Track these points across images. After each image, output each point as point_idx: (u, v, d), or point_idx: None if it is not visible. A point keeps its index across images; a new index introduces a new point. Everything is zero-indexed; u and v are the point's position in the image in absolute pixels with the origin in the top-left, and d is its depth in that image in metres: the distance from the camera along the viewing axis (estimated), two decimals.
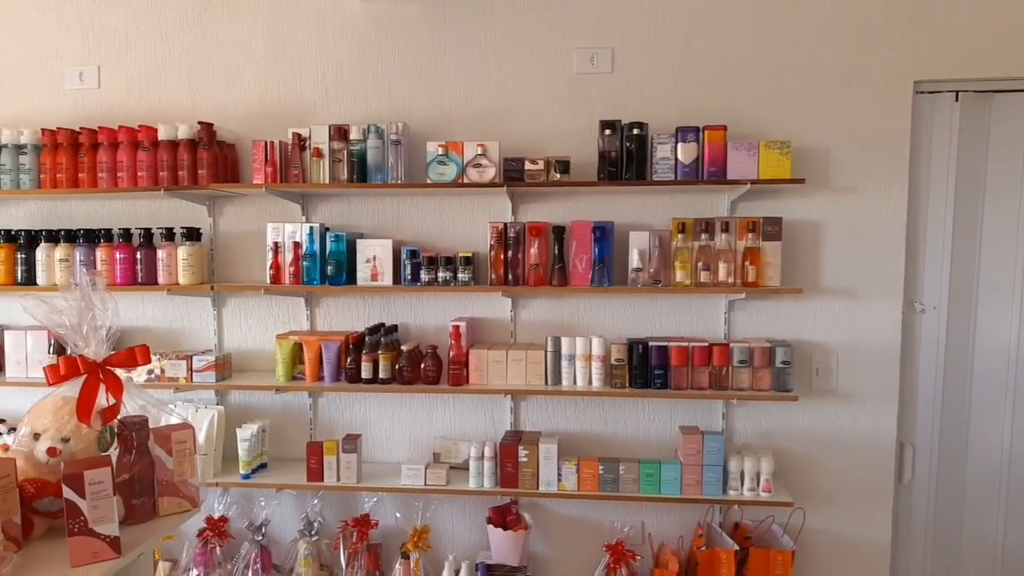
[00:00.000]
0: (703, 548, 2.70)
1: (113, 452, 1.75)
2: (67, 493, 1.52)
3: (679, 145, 2.69)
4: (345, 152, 2.82)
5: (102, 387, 1.74)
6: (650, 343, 2.76)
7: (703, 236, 2.72)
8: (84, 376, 1.73)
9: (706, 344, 2.74)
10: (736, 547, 2.66)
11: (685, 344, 2.74)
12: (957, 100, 2.82)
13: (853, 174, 2.82)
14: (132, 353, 1.82)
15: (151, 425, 1.81)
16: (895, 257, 2.83)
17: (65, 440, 1.67)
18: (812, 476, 2.91)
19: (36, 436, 1.68)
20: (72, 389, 1.72)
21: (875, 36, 2.79)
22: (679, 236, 2.73)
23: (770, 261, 2.72)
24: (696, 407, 2.95)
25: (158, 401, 1.88)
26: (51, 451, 1.66)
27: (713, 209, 2.88)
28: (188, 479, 1.85)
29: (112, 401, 1.75)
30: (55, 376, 1.73)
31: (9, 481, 1.56)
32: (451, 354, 2.82)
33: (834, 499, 2.91)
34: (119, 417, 1.77)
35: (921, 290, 2.89)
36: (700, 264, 2.70)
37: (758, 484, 2.71)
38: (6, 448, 1.74)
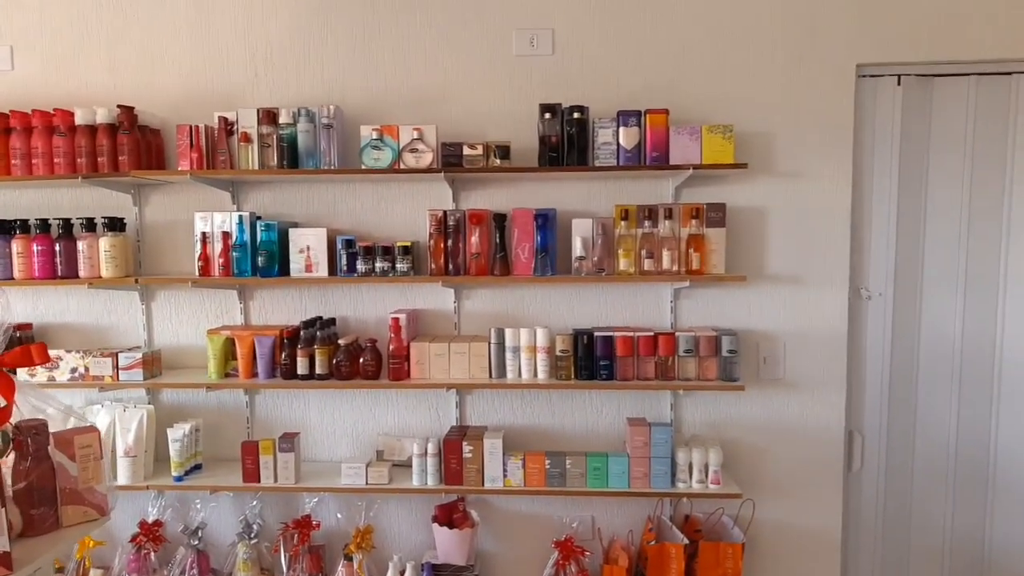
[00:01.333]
0: (653, 543, 2.64)
1: (8, 459, 1.63)
2: None
3: (621, 129, 2.62)
4: (275, 137, 2.69)
5: None
6: (595, 333, 2.68)
7: (646, 223, 2.65)
8: None
9: (652, 334, 2.68)
10: (686, 541, 2.61)
11: (630, 334, 2.67)
12: (899, 84, 2.79)
13: (797, 159, 2.78)
14: (27, 351, 1.69)
15: (52, 429, 1.69)
16: (840, 243, 2.80)
17: None
18: (761, 466, 2.88)
19: None
20: None
21: (818, 18, 2.74)
22: (622, 223, 2.65)
23: (714, 248, 2.66)
24: (643, 398, 2.89)
25: (60, 403, 1.75)
26: None
27: (656, 195, 2.82)
28: (94, 486, 1.73)
29: (3, 403, 1.61)
30: None
31: None
32: (391, 348, 2.71)
33: (784, 489, 2.88)
34: (13, 421, 1.64)
35: (867, 276, 2.86)
36: (644, 252, 2.63)
37: (707, 476, 2.66)
38: None
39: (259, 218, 2.79)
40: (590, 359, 2.68)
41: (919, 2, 2.72)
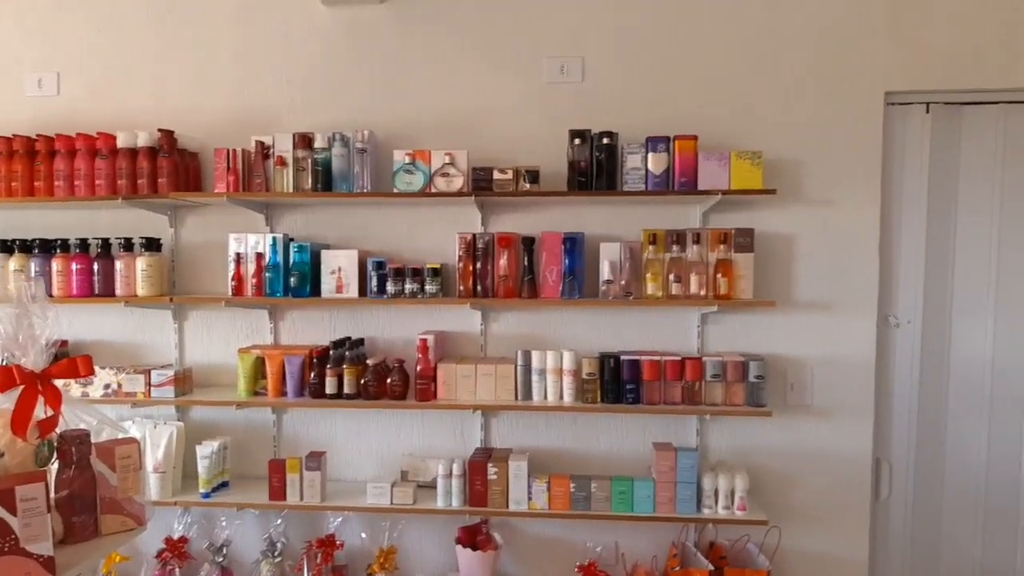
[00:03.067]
0: (677, 568, 2.62)
1: (53, 468, 1.66)
2: None
3: (649, 155, 2.65)
4: (309, 161, 2.75)
5: (40, 399, 1.66)
6: (622, 357, 2.70)
7: (674, 248, 2.67)
8: (21, 387, 1.64)
9: (678, 358, 2.69)
10: (711, 567, 2.59)
11: (657, 358, 2.68)
12: (928, 112, 2.81)
13: (826, 186, 2.80)
14: (73, 363, 1.74)
15: (94, 439, 1.73)
16: (869, 270, 2.80)
17: None
18: (788, 493, 2.86)
19: None
20: (8, 401, 1.64)
21: (847, 46, 2.78)
22: (650, 247, 2.68)
23: (742, 273, 2.68)
24: (669, 423, 2.89)
25: (103, 415, 1.79)
26: None
27: (684, 220, 2.84)
28: (133, 496, 1.76)
29: (51, 413, 1.66)
30: None
31: None
32: (418, 368, 2.74)
33: (810, 517, 2.85)
34: (58, 431, 1.68)
35: (896, 304, 2.86)
36: (671, 276, 2.65)
37: (733, 502, 2.65)
38: None
39: (292, 239, 2.85)
40: (616, 383, 2.69)
41: (948, 31, 2.74)
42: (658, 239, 2.68)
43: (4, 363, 2.18)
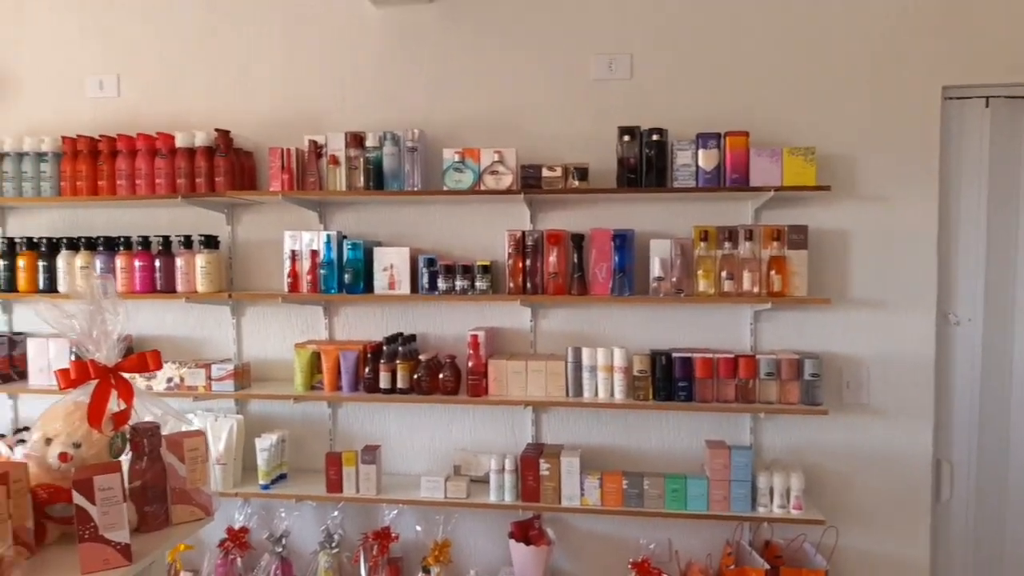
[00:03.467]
0: (732, 567, 2.61)
1: (125, 459, 1.73)
2: (77, 499, 1.50)
3: (700, 151, 2.64)
4: (361, 159, 2.80)
5: (113, 392, 1.72)
6: (673, 354, 2.69)
7: (726, 244, 2.65)
8: (95, 381, 1.71)
9: (732, 356, 2.67)
10: (766, 566, 2.56)
11: (710, 356, 2.67)
12: (987, 106, 2.74)
13: (881, 181, 2.74)
14: (143, 358, 1.81)
15: (164, 432, 1.79)
16: (927, 267, 2.74)
17: (76, 445, 1.65)
18: (845, 493, 2.81)
19: (48, 441, 1.66)
20: (83, 394, 1.71)
21: (903, 40, 2.72)
22: (701, 244, 2.66)
23: (796, 270, 2.64)
24: (722, 421, 2.87)
25: (170, 407, 1.85)
26: (63, 456, 1.64)
27: (736, 217, 2.82)
28: (201, 487, 1.81)
29: (123, 406, 1.72)
30: (66, 381, 1.72)
31: (21, 486, 1.54)
32: (470, 364, 2.77)
33: (869, 517, 2.81)
34: (130, 423, 1.74)
35: (955, 301, 2.80)
36: (724, 273, 2.63)
37: (788, 501, 2.62)
38: (30, 456, 1.72)
39: (345, 237, 2.90)
40: (668, 380, 2.68)
41: (1008, 23, 2.67)
42: (710, 236, 2.66)
43: (77, 358, 2.26)
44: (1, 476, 1.47)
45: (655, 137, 2.65)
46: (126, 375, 1.76)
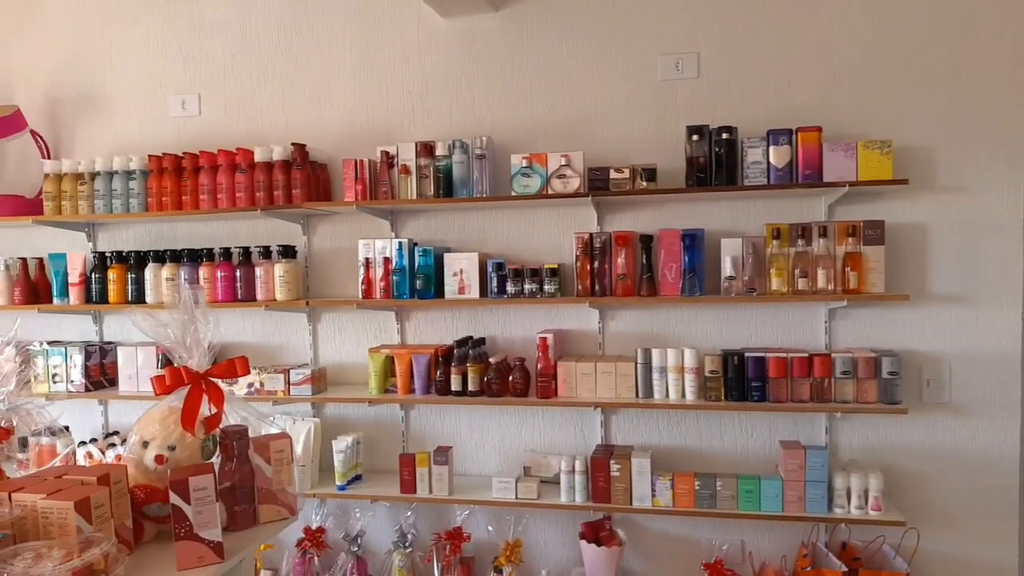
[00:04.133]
0: (808, 568, 2.56)
1: (215, 461, 1.81)
2: (173, 499, 1.58)
3: (771, 148, 2.60)
4: (431, 168, 2.86)
5: (205, 397, 1.81)
6: (746, 354, 2.66)
7: (799, 242, 2.61)
8: (188, 386, 1.80)
9: (806, 355, 2.62)
10: (844, 568, 2.51)
11: (784, 355, 2.63)
12: None
13: (962, 173, 2.66)
14: (232, 365, 1.89)
15: (250, 435, 1.87)
16: (1012, 260, 2.64)
17: (171, 448, 1.74)
18: (926, 495, 2.73)
19: (145, 444, 1.75)
20: (177, 399, 1.79)
21: (984, 24, 2.63)
22: (774, 242, 2.63)
23: (872, 267, 2.58)
24: (796, 421, 2.82)
25: (257, 411, 1.93)
26: (159, 459, 1.72)
27: (808, 214, 2.77)
28: (286, 487, 1.89)
29: (214, 411, 1.81)
30: (161, 387, 1.81)
31: (121, 487, 1.63)
32: (539, 366, 2.80)
33: (952, 519, 2.72)
34: (221, 426, 1.83)
35: None
36: (797, 271, 2.59)
37: (866, 502, 2.56)
38: (120, 459, 1.82)
39: (416, 244, 2.96)
40: (741, 380, 2.65)
41: None
42: (782, 233, 2.62)
43: (167, 364, 2.38)
44: (103, 477, 1.57)
45: (724, 135, 2.64)
46: (216, 380, 1.85)
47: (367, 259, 2.96)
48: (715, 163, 2.65)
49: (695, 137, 2.66)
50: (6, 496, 1.46)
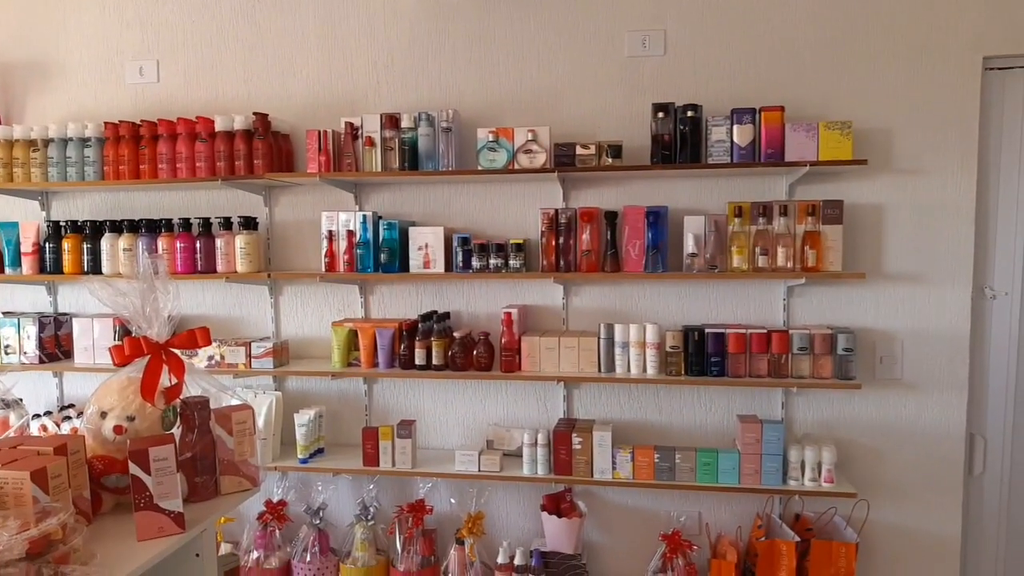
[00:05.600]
0: (763, 539, 2.64)
1: (176, 432, 1.80)
2: (133, 469, 1.56)
3: (735, 127, 2.63)
4: (396, 140, 2.83)
5: (165, 368, 1.79)
6: (706, 330, 2.70)
7: (760, 220, 2.65)
8: (148, 357, 1.77)
9: (764, 331, 2.68)
10: (797, 538, 2.59)
11: (743, 331, 2.68)
12: None
13: (918, 155, 2.72)
14: (193, 335, 1.87)
15: (212, 406, 1.85)
16: (964, 241, 2.72)
17: (131, 419, 1.72)
18: (877, 468, 2.82)
19: (103, 415, 1.73)
20: (136, 370, 1.77)
21: (941, 10, 2.68)
22: (736, 220, 2.67)
23: (831, 245, 2.64)
24: (754, 395, 2.89)
25: (218, 383, 1.91)
26: (117, 429, 1.70)
27: (771, 193, 2.81)
28: (248, 459, 1.89)
29: (174, 381, 1.79)
30: (120, 357, 1.79)
31: (79, 457, 1.60)
32: (503, 341, 2.81)
33: (900, 491, 2.82)
34: (181, 397, 1.81)
35: (992, 275, 2.77)
36: (758, 249, 2.64)
37: (819, 475, 2.64)
38: (75, 431, 1.79)
39: (381, 217, 2.94)
40: (701, 355, 2.70)
41: None
42: (744, 212, 2.66)
43: (125, 335, 2.34)
44: (59, 448, 1.54)
45: (689, 113, 2.65)
46: (176, 351, 1.83)
47: (330, 232, 2.93)
48: (680, 141, 2.67)
49: (660, 114, 2.67)
50: None
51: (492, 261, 2.81)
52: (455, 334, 2.87)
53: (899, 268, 2.76)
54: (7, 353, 3.18)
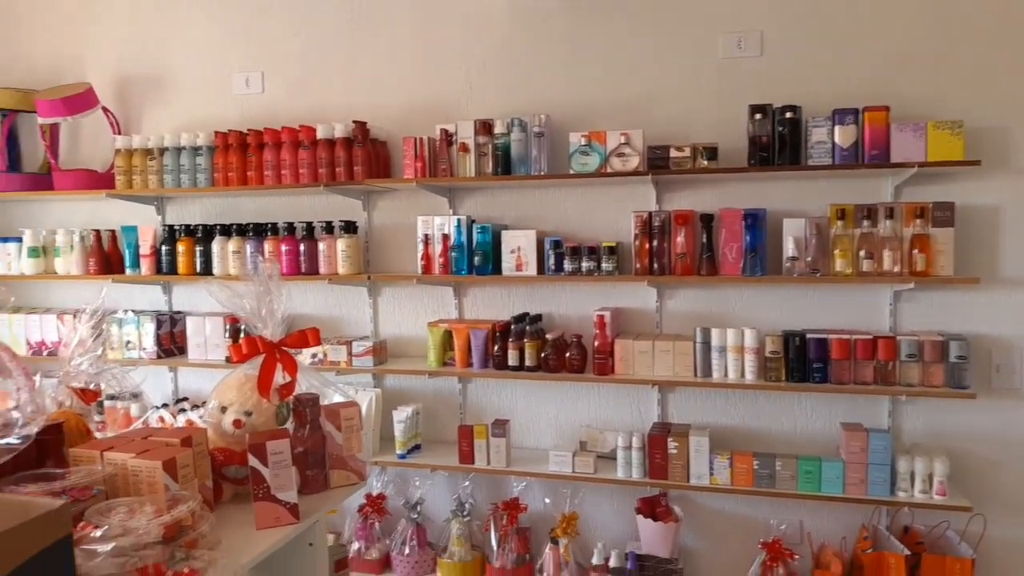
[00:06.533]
0: (869, 551, 2.55)
1: (289, 427, 1.88)
2: (252, 462, 1.64)
3: (836, 128, 2.55)
4: (490, 146, 2.88)
5: (279, 366, 1.87)
6: (808, 335, 2.63)
7: (865, 223, 2.57)
8: (263, 355, 1.86)
9: (870, 337, 2.59)
10: (907, 551, 2.49)
11: (847, 336, 2.60)
12: None
13: None
14: (304, 335, 1.95)
15: (321, 403, 1.93)
16: None
17: (248, 413, 1.81)
18: (993, 481, 2.68)
19: (223, 409, 1.83)
20: (253, 367, 1.86)
21: None
22: (838, 223, 2.59)
23: (941, 249, 2.53)
24: (858, 403, 2.79)
25: (327, 380, 1.99)
26: (236, 423, 1.79)
27: (874, 195, 2.72)
28: (356, 454, 1.95)
29: (288, 379, 1.87)
30: (238, 355, 1.89)
31: (202, 449, 1.70)
32: (596, 344, 2.81)
33: (1020, 507, 2.67)
34: (294, 394, 1.90)
35: None
36: (862, 252, 2.55)
37: (930, 486, 2.53)
38: (190, 423, 1.90)
39: (474, 221, 2.99)
40: (802, 361, 2.63)
41: None
42: (847, 214, 2.58)
43: (243, 334, 2.46)
44: (185, 440, 1.64)
45: (788, 114, 2.60)
46: (289, 350, 1.91)
47: (426, 235, 3.00)
48: (778, 142, 2.61)
49: (758, 116, 2.62)
50: (98, 455, 1.54)
51: (584, 264, 2.82)
52: (548, 336, 2.89)
53: (1017, 273, 2.62)
54: (128, 348, 3.40)
